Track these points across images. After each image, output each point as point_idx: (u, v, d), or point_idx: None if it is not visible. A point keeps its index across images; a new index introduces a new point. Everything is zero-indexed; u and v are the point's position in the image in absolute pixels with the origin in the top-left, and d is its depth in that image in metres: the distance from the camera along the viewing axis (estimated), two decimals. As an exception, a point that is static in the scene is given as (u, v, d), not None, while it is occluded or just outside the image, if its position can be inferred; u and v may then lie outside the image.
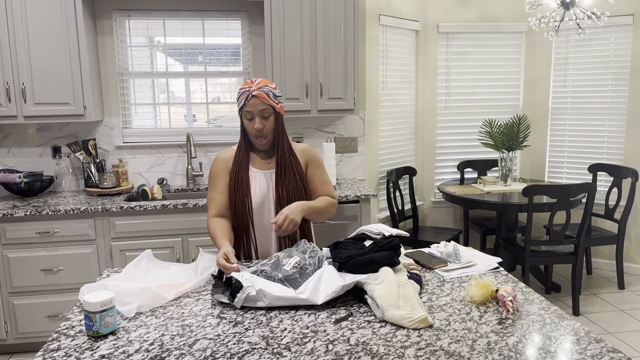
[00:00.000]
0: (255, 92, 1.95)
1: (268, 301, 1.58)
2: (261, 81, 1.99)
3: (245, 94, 1.97)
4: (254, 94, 1.95)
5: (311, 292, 1.59)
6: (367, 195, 3.35)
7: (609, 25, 4.30)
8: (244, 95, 1.97)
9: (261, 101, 1.96)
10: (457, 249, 2.00)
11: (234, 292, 1.60)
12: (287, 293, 1.58)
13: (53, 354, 1.34)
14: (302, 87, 3.48)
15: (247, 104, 1.97)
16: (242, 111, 1.99)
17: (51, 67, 3.22)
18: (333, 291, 1.58)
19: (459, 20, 4.43)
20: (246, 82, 2.01)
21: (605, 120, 4.41)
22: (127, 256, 3.17)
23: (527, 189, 3.40)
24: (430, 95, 4.49)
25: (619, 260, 4.05)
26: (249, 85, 1.98)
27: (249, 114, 1.98)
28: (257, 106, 1.97)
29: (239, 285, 1.59)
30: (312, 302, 1.57)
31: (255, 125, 1.98)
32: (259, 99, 1.96)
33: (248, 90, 1.96)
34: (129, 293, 1.58)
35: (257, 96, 1.96)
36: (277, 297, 1.57)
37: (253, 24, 3.75)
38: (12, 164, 3.64)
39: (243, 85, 2.00)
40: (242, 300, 1.57)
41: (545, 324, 1.45)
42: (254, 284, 1.59)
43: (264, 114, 1.98)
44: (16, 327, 3.17)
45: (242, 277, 1.61)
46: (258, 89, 1.96)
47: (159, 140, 3.78)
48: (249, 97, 1.96)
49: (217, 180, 2.09)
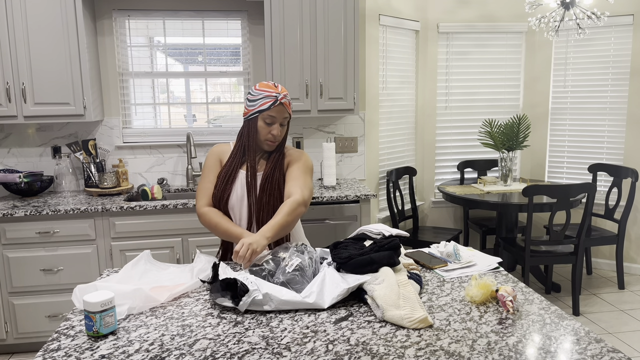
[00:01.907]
0: (283, 100, 1.97)
1: (274, 305, 1.55)
2: (283, 88, 2.01)
3: (272, 98, 1.95)
4: (282, 102, 1.97)
5: (317, 295, 1.58)
6: (367, 195, 3.35)
7: (609, 25, 4.30)
8: (269, 99, 1.95)
9: (286, 109, 1.99)
10: (457, 249, 2.00)
11: (235, 296, 1.57)
12: (294, 297, 1.57)
13: (53, 354, 1.34)
14: (302, 87, 3.48)
15: (272, 108, 1.96)
16: (262, 114, 1.97)
17: (51, 67, 3.22)
18: (338, 294, 1.58)
19: (459, 20, 4.43)
20: (267, 84, 1.99)
21: (605, 120, 4.41)
22: (127, 256, 3.17)
23: (527, 189, 3.40)
24: (430, 95, 4.49)
25: (619, 260, 4.05)
26: (275, 91, 1.97)
27: (270, 119, 1.97)
28: (282, 113, 1.98)
29: (245, 289, 1.55)
30: (319, 306, 1.56)
31: (274, 131, 1.98)
32: (284, 107, 1.98)
33: (276, 97, 1.96)
34: (120, 295, 1.57)
35: (284, 104, 1.98)
36: (284, 301, 1.55)
37: (253, 24, 3.75)
38: (12, 164, 3.64)
39: (263, 88, 1.98)
40: (247, 304, 1.54)
41: (545, 324, 1.45)
42: (260, 288, 1.57)
43: (284, 122, 2.01)
44: (16, 327, 3.17)
45: (247, 280, 1.58)
46: (284, 96, 1.98)
47: (159, 140, 3.78)
48: (276, 102, 1.96)
49: (209, 171, 2.09)
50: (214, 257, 1.90)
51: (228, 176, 2.04)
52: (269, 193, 2.02)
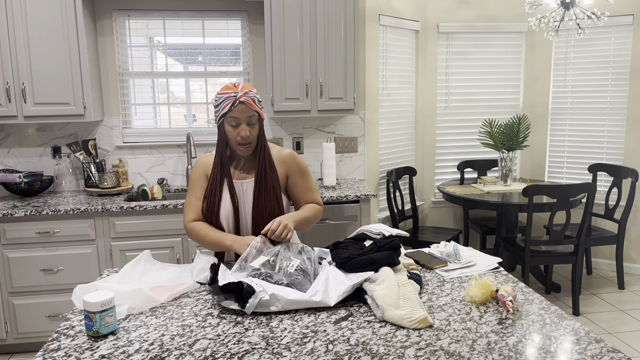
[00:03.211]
0: (243, 97, 1.87)
1: (281, 305, 1.54)
2: (245, 86, 1.91)
3: (231, 99, 1.87)
4: (242, 100, 1.87)
5: (323, 294, 1.58)
6: (367, 195, 3.35)
7: (609, 25, 4.30)
8: (229, 101, 1.87)
9: (248, 107, 1.88)
10: (457, 249, 2.00)
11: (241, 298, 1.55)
12: (301, 297, 1.56)
13: (53, 354, 1.34)
14: (302, 87, 3.48)
15: (233, 110, 1.87)
16: (226, 117, 1.89)
17: (51, 67, 3.22)
18: (344, 291, 1.58)
19: (459, 20, 4.43)
20: (227, 86, 1.91)
21: (605, 120, 4.41)
22: (127, 256, 3.17)
23: (527, 189, 3.40)
24: (430, 95, 4.49)
25: (619, 260, 4.05)
26: (234, 90, 1.88)
27: (234, 120, 1.89)
28: (244, 112, 1.88)
29: (251, 291, 1.53)
30: (325, 303, 1.56)
31: (241, 132, 1.89)
32: (246, 105, 1.88)
33: (234, 96, 1.87)
34: (120, 295, 1.57)
35: (245, 102, 1.87)
36: (291, 300, 1.55)
37: (253, 24, 3.75)
38: (12, 164, 3.64)
39: (224, 90, 1.90)
40: (254, 305, 1.52)
41: (545, 324, 1.45)
42: (266, 289, 1.55)
43: (250, 121, 1.91)
44: (16, 327, 3.17)
45: (252, 282, 1.57)
46: (244, 94, 1.88)
47: (159, 140, 3.78)
48: (236, 102, 1.87)
49: (195, 185, 2.03)
50: (213, 257, 1.90)
51: (214, 189, 1.98)
52: (265, 198, 1.97)
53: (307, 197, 2.09)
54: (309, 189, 2.09)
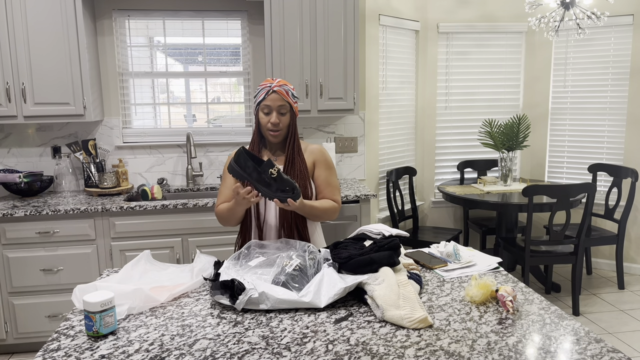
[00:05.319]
0: (276, 88, 2.04)
1: (270, 304, 1.57)
2: (281, 80, 2.08)
3: (266, 89, 2.04)
4: (275, 90, 2.03)
5: (313, 295, 1.58)
6: (367, 195, 3.35)
7: (608, 25, 4.30)
8: (264, 90, 2.04)
9: (280, 97, 2.03)
10: (457, 249, 2.00)
11: (233, 295, 1.59)
12: (290, 296, 1.57)
13: (53, 354, 1.34)
14: (302, 87, 3.48)
15: (266, 98, 2.03)
16: (260, 105, 2.05)
17: (51, 67, 3.22)
18: (335, 294, 1.58)
19: (459, 20, 4.43)
20: (267, 79, 2.10)
21: (605, 120, 4.41)
22: (127, 256, 3.17)
23: (527, 189, 3.40)
24: (430, 95, 4.49)
25: (618, 260, 4.05)
26: (270, 82, 2.06)
27: (266, 108, 2.04)
28: (276, 101, 2.03)
29: (242, 288, 1.57)
30: (315, 305, 1.57)
31: (272, 119, 2.04)
32: (278, 95, 2.03)
33: (269, 86, 2.04)
34: (120, 295, 1.57)
35: (278, 92, 2.03)
36: (280, 300, 1.56)
37: (253, 24, 3.75)
38: (12, 164, 3.64)
39: (263, 83, 2.08)
40: (243, 302, 1.56)
41: (545, 324, 1.45)
42: (256, 287, 1.58)
43: (281, 110, 2.04)
44: (16, 327, 3.17)
45: (244, 280, 1.60)
46: (279, 86, 2.05)
47: (159, 140, 3.78)
48: (270, 92, 2.03)
49: (227, 175, 2.16)
50: (213, 257, 1.91)
51: None
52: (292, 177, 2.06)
53: (326, 192, 2.15)
54: (330, 184, 2.16)
